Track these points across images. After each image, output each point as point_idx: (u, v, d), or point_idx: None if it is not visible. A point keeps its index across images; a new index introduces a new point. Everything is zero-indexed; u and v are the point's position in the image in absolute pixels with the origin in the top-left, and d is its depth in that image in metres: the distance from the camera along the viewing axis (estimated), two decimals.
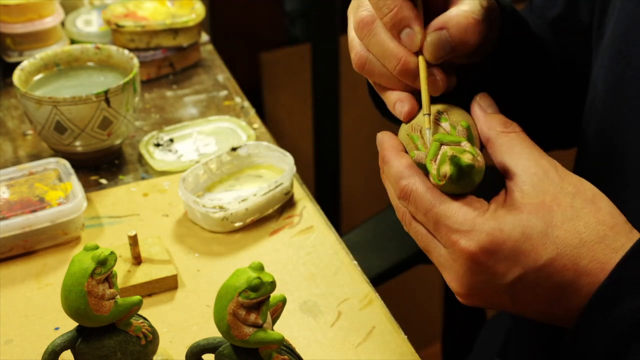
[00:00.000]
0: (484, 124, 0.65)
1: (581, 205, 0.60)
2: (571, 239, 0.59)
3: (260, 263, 0.64)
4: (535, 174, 0.61)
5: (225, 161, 0.98)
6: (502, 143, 0.63)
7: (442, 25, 0.66)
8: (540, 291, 0.60)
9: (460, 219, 0.60)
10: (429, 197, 0.62)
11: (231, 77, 1.23)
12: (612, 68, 0.79)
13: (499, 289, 0.61)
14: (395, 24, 0.66)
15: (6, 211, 0.88)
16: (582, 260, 0.59)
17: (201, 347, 0.68)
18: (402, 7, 0.66)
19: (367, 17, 0.67)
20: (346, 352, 0.76)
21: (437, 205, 0.61)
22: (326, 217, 0.94)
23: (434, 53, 0.66)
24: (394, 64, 0.67)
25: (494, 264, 0.60)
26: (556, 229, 0.59)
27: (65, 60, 1.07)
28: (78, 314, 0.67)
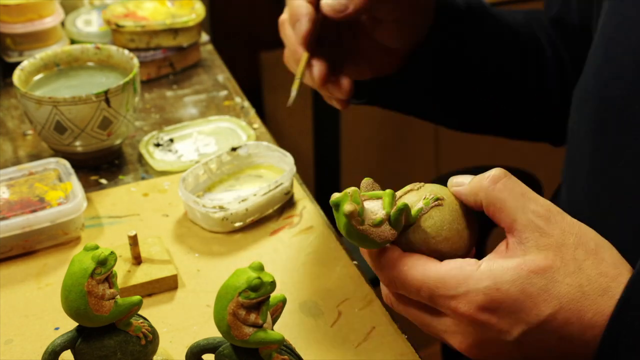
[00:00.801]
0: (468, 194, 0.63)
1: (583, 257, 0.59)
2: (574, 293, 0.58)
3: (260, 263, 0.64)
4: (536, 229, 0.60)
5: (225, 161, 0.98)
6: (494, 200, 0.61)
7: None
8: (549, 346, 0.60)
9: (454, 284, 0.59)
10: (414, 274, 0.61)
11: (231, 77, 1.23)
12: (600, 68, 0.79)
13: (507, 346, 0.60)
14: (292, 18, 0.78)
15: (6, 211, 0.88)
16: (586, 314, 0.58)
17: (201, 347, 0.68)
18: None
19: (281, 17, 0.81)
20: (346, 352, 0.76)
21: (426, 281, 0.60)
22: (326, 217, 0.94)
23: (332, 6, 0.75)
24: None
25: (497, 322, 0.59)
26: (558, 284, 0.58)
27: (65, 60, 1.07)
28: (78, 314, 0.67)
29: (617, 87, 0.77)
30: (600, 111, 0.79)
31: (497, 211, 0.61)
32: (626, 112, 0.76)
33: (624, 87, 0.76)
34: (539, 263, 0.59)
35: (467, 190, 0.63)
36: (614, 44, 0.78)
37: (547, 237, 0.59)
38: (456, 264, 0.60)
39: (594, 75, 0.80)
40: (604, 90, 0.78)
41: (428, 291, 0.60)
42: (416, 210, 0.63)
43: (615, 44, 0.78)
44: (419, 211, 0.63)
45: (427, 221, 0.62)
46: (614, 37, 0.78)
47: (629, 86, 0.76)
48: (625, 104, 0.76)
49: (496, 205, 0.61)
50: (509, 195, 0.61)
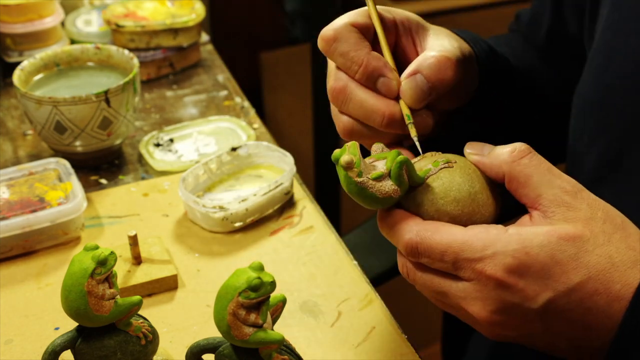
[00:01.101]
0: (491, 164, 0.62)
1: (612, 230, 0.59)
2: (604, 263, 0.58)
3: (260, 263, 0.64)
4: (563, 204, 0.59)
5: (225, 161, 0.98)
6: (518, 174, 0.61)
7: (415, 70, 0.67)
8: (573, 316, 0.59)
9: (481, 246, 0.58)
10: (439, 239, 0.60)
11: (231, 77, 1.23)
12: (601, 75, 0.79)
13: (530, 314, 0.59)
14: (368, 76, 0.67)
15: (6, 211, 0.88)
16: (614, 285, 0.58)
17: (201, 347, 0.68)
18: (370, 58, 0.67)
19: (338, 84, 0.68)
20: (346, 352, 0.76)
21: (451, 244, 0.59)
22: (326, 217, 0.94)
23: (413, 98, 0.66)
24: (379, 119, 0.67)
25: (523, 287, 0.58)
26: (588, 254, 0.58)
27: (65, 60, 1.07)
28: (78, 314, 0.67)
29: (619, 94, 0.77)
30: (602, 118, 0.79)
31: (521, 186, 0.61)
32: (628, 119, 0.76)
33: (625, 93, 0.76)
34: (569, 231, 0.58)
35: (488, 161, 0.62)
36: (613, 51, 0.78)
37: (574, 211, 0.59)
38: (482, 228, 0.59)
39: (595, 82, 0.80)
40: (605, 97, 0.78)
41: (453, 255, 0.59)
42: (424, 170, 0.62)
43: (615, 51, 0.77)
44: (427, 172, 0.62)
45: (435, 181, 0.62)
46: (613, 43, 0.78)
47: (630, 92, 0.75)
48: (626, 111, 0.76)
49: (520, 180, 0.61)
50: (535, 170, 0.60)
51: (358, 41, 0.67)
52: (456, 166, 0.63)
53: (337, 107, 0.69)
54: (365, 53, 0.67)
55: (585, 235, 0.59)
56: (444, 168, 0.63)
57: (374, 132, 0.68)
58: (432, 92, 0.67)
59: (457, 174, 0.62)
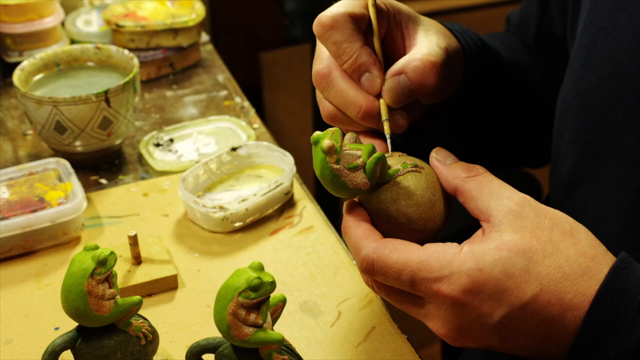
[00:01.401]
0: (447, 175, 0.64)
1: (559, 238, 0.60)
2: (554, 274, 0.59)
3: (260, 263, 0.64)
4: (510, 212, 0.61)
5: (225, 161, 0.98)
6: (470, 188, 0.63)
7: (400, 70, 0.67)
8: (528, 329, 0.60)
9: (437, 266, 0.60)
10: (396, 258, 0.61)
11: (231, 77, 1.23)
12: (580, 77, 0.79)
13: (487, 330, 0.60)
14: (355, 70, 0.68)
15: (6, 211, 0.88)
16: (566, 295, 0.59)
17: (201, 347, 0.68)
18: (362, 52, 0.67)
19: (323, 69, 0.69)
20: (346, 352, 0.76)
21: (409, 263, 0.60)
22: (326, 217, 0.94)
23: (394, 97, 0.67)
24: (355, 111, 0.68)
25: (479, 305, 0.59)
26: (538, 265, 0.59)
27: (65, 60, 1.07)
28: (78, 314, 0.67)
29: (597, 96, 0.77)
30: (581, 120, 0.79)
31: (472, 199, 0.62)
32: (606, 121, 0.76)
33: (603, 95, 0.76)
34: (517, 244, 0.59)
35: (445, 172, 0.64)
36: (592, 53, 0.78)
37: (521, 220, 0.60)
38: (438, 247, 0.61)
39: (574, 84, 0.80)
40: (584, 99, 0.79)
41: (410, 274, 0.60)
42: (393, 170, 0.64)
43: (594, 53, 0.78)
44: (396, 172, 0.64)
45: (401, 182, 0.64)
46: (592, 45, 0.78)
47: (608, 95, 0.76)
48: (605, 113, 0.76)
49: (471, 194, 0.62)
50: (486, 185, 0.62)
51: (353, 32, 0.68)
52: (423, 172, 0.65)
53: (319, 91, 0.70)
54: (358, 46, 0.67)
55: (533, 247, 0.59)
56: (412, 171, 0.65)
57: (353, 120, 0.70)
58: (412, 95, 0.68)
59: (423, 180, 0.64)
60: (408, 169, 0.64)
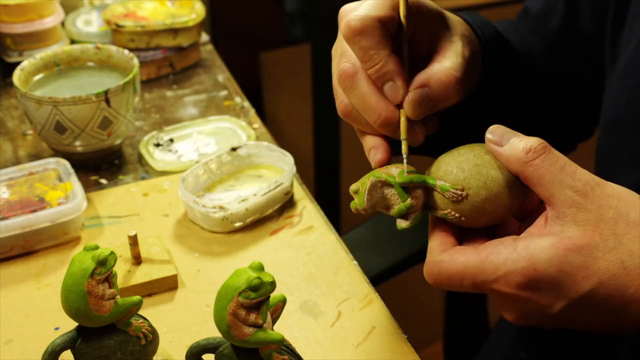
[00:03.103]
0: (507, 159, 0.63)
1: (624, 230, 0.59)
2: (614, 269, 0.59)
3: (260, 263, 0.64)
4: (573, 204, 0.60)
5: (225, 161, 0.98)
6: (531, 175, 0.62)
7: (424, 82, 0.67)
8: (591, 317, 0.61)
9: (492, 269, 0.61)
10: (455, 270, 0.62)
11: (231, 77, 1.23)
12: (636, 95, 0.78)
13: (551, 317, 0.61)
14: (379, 77, 0.67)
15: (6, 211, 0.88)
16: (628, 289, 0.58)
17: (201, 347, 0.68)
18: (388, 61, 0.66)
19: (349, 69, 0.68)
20: (346, 352, 0.76)
21: (466, 271, 0.62)
22: (326, 217, 0.94)
23: (415, 110, 0.67)
24: (374, 117, 0.68)
25: (538, 299, 0.60)
26: (598, 261, 0.59)
27: (65, 60, 1.07)
28: (78, 314, 0.67)
29: None
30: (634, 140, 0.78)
31: (534, 185, 0.62)
32: None
33: None
34: (576, 241, 0.59)
35: (504, 157, 0.63)
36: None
37: (585, 212, 0.59)
38: (493, 249, 0.61)
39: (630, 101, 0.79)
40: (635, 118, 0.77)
41: (470, 281, 0.62)
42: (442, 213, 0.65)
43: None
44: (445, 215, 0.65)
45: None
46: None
47: None
48: None
49: (532, 181, 0.62)
50: (547, 171, 0.61)
51: (381, 39, 0.66)
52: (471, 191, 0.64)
53: (341, 89, 0.69)
54: (385, 54, 0.66)
55: (594, 242, 0.59)
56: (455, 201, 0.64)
57: (366, 121, 0.69)
58: (433, 108, 0.67)
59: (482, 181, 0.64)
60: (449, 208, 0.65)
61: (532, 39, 0.93)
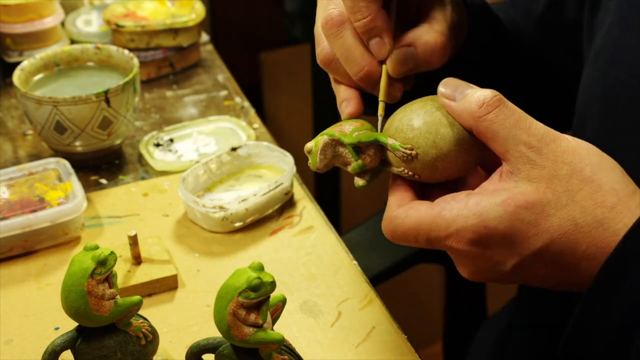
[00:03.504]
0: (460, 114, 0.62)
1: (577, 187, 0.59)
2: (566, 226, 0.58)
3: (260, 263, 0.64)
4: (528, 161, 0.59)
5: (225, 161, 0.98)
6: (485, 129, 0.60)
7: (410, 42, 0.66)
8: (544, 273, 0.60)
9: (444, 225, 0.60)
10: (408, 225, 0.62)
11: (231, 77, 1.23)
12: (607, 73, 0.79)
13: (505, 274, 0.61)
14: (366, 31, 0.66)
15: (6, 211, 0.88)
16: (579, 246, 0.58)
17: (201, 347, 0.68)
18: (377, 16, 0.66)
19: (337, 16, 0.67)
20: (346, 352, 0.76)
21: (420, 228, 0.61)
22: (326, 217, 0.94)
23: (397, 68, 0.66)
24: (356, 70, 0.67)
25: (490, 255, 0.60)
26: (550, 218, 0.58)
27: (65, 60, 1.07)
28: (78, 314, 0.67)
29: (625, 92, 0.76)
30: (606, 116, 0.78)
31: (488, 140, 0.61)
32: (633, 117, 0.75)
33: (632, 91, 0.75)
34: (528, 197, 0.58)
35: (456, 112, 0.62)
36: (621, 48, 0.77)
37: (538, 169, 0.59)
38: (445, 204, 0.61)
39: (599, 79, 0.79)
40: (610, 94, 0.78)
41: (424, 237, 0.61)
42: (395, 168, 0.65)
43: (622, 48, 0.77)
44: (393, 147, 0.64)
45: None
46: (620, 41, 0.77)
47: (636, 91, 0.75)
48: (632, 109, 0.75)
49: (487, 136, 0.60)
50: (500, 126, 0.60)
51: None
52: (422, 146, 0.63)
53: (325, 36, 0.69)
54: (375, 9, 0.65)
55: (546, 198, 0.58)
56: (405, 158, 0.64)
57: (346, 73, 0.68)
58: (415, 69, 0.67)
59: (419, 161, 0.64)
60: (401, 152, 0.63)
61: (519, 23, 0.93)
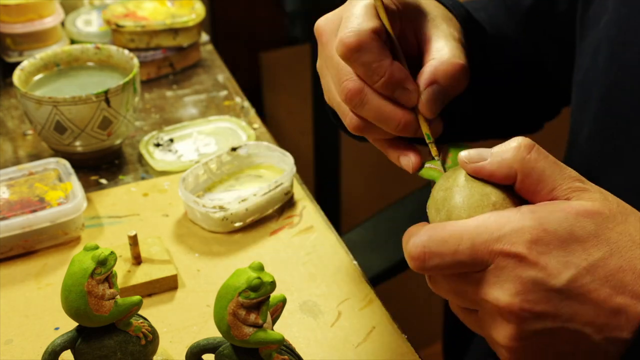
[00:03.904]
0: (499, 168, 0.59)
1: (627, 212, 0.58)
2: (625, 241, 0.56)
3: (260, 263, 0.64)
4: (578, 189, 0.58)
5: (225, 161, 0.98)
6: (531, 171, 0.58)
7: (432, 79, 0.66)
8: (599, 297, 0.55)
9: (496, 227, 0.56)
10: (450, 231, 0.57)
11: (231, 77, 1.23)
12: (605, 71, 0.79)
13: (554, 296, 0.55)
14: (389, 88, 0.66)
15: (6, 211, 0.88)
16: (639, 262, 0.56)
17: (201, 347, 0.68)
18: (394, 70, 0.65)
19: (355, 86, 0.66)
20: (346, 352, 0.76)
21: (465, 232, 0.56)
22: (326, 217, 0.94)
23: (432, 108, 0.66)
24: (393, 125, 0.66)
25: (545, 264, 0.55)
26: (608, 231, 0.56)
27: (65, 60, 1.07)
28: (78, 314, 0.67)
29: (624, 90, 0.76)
30: (603, 114, 0.78)
31: (535, 182, 0.58)
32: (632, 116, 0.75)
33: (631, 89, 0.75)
34: (588, 207, 0.56)
35: (496, 163, 0.59)
36: (619, 46, 0.77)
37: (589, 193, 0.57)
38: (491, 213, 0.57)
39: (597, 76, 0.79)
40: (608, 93, 0.78)
41: (469, 241, 0.56)
42: None
43: (621, 46, 0.77)
44: None
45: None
46: (619, 39, 0.77)
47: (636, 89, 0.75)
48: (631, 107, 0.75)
49: (533, 176, 0.58)
50: (546, 163, 0.58)
51: (381, 51, 0.65)
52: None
53: (350, 107, 0.68)
54: (388, 64, 0.65)
55: (605, 213, 0.57)
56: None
57: (382, 131, 0.68)
58: (446, 101, 0.66)
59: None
60: None
61: (503, 18, 0.93)
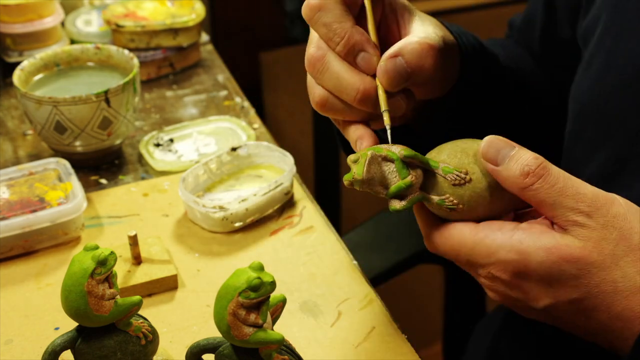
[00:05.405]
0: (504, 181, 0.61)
1: (623, 253, 0.58)
2: (605, 287, 0.58)
3: (260, 263, 0.64)
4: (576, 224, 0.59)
5: (225, 161, 0.98)
6: (530, 199, 0.60)
7: (397, 52, 0.66)
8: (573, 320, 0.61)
9: (485, 254, 0.61)
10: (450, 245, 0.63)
11: (231, 77, 1.23)
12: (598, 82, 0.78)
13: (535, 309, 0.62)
14: (349, 50, 0.66)
15: (6, 211, 0.88)
16: (615, 307, 0.58)
17: (201, 347, 0.68)
18: (353, 32, 0.66)
19: (316, 52, 0.67)
20: (346, 352, 0.76)
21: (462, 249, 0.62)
22: (326, 217, 0.94)
23: (391, 80, 0.66)
24: (352, 94, 0.66)
25: (528, 289, 0.61)
26: (590, 276, 0.58)
27: (65, 60, 1.07)
28: (78, 314, 0.67)
29: (620, 101, 0.76)
30: (603, 125, 0.78)
31: (535, 206, 0.61)
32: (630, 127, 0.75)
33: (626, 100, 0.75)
34: (573, 252, 0.58)
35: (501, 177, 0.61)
36: (614, 55, 0.77)
37: (588, 230, 0.59)
38: (489, 231, 0.61)
39: (594, 87, 0.79)
40: (605, 103, 0.77)
41: (465, 257, 0.62)
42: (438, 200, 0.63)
43: (615, 55, 0.77)
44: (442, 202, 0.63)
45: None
46: (613, 48, 0.77)
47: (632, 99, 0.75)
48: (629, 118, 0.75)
49: (532, 203, 0.61)
50: (546, 195, 0.59)
51: (342, 13, 0.66)
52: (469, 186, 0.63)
53: (312, 76, 0.68)
54: (349, 26, 0.66)
55: (591, 258, 0.58)
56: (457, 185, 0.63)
57: (346, 107, 0.68)
58: (409, 78, 0.66)
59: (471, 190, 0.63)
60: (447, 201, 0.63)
61: (519, 54, 0.94)
